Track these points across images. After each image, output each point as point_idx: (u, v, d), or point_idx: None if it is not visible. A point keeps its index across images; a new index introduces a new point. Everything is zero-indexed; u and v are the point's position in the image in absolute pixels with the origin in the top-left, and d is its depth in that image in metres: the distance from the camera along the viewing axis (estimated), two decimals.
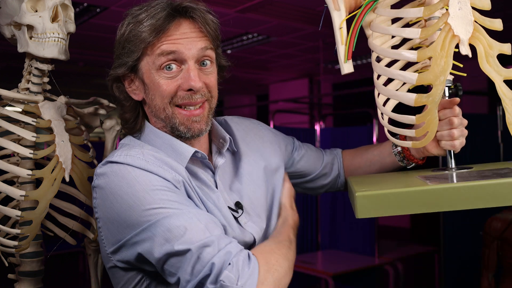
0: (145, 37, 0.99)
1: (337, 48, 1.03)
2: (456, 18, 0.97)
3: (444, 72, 0.95)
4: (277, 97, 9.47)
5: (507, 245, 2.71)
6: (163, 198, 0.91)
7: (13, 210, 1.27)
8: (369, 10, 1.04)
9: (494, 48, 1.00)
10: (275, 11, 4.86)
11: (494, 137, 3.94)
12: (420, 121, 0.98)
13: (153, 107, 1.05)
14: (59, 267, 5.63)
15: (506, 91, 0.99)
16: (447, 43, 0.97)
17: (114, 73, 1.06)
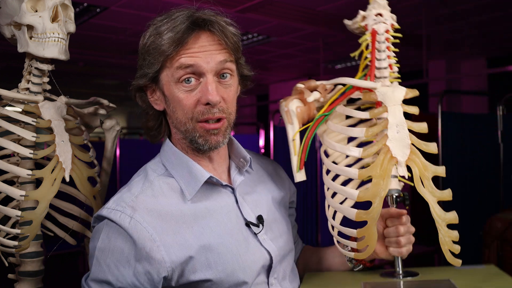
0: (164, 50, 1.00)
1: (291, 158, 1.11)
2: (394, 140, 1.07)
3: (383, 190, 1.04)
4: (277, 97, 9.47)
5: (507, 245, 2.71)
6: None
7: (13, 210, 1.27)
8: (320, 123, 1.13)
9: (429, 171, 1.08)
10: (275, 11, 4.86)
11: (494, 137, 3.94)
12: (361, 234, 1.06)
13: (174, 119, 1.06)
14: (59, 267, 5.62)
15: (439, 213, 1.06)
16: (385, 164, 1.06)
17: (136, 83, 1.07)
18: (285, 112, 1.12)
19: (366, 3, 1.30)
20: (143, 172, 1.10)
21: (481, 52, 6.77)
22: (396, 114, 1.09)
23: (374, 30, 1.15)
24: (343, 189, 1.10)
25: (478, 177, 3.77)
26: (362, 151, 1.08)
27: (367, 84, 1.12)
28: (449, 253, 1.05)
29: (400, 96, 1.10)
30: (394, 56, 1.17)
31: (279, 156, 4.67)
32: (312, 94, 1.12)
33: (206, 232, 1.02)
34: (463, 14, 4.95)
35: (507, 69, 4.71)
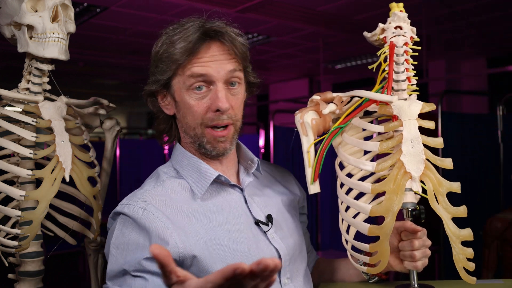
0: (177, 58, 1.04)
1: (305, 169, 1.11)
2: (409, 155, 1.07)
3: (396, 205, 1.03)
4: (277, 97, 9.48)
5: (507, 245, 2.71)
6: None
7: (13, 210, 1.27)
8: (335, 135, 1.12)
9: (444, 187, 1.07)
10: (275, 11, 4.86)
11: (494, 137, 3.94)
12: (373, 249, 1.06)
13: (184, 124, 1.11)
14: (59, 267, 5.62)
15: (453, 230, 1.06)
16: (399, 179, 1.05)
17: (148, 89, 1.12)
18: (300, 124, 1.12)
19: (366, 4, 1.30)
20: (155, 174, 1.15)
21: (481, 52, 6.77)
22: (411, 128, 1.08)
23: (392, 43, 1.14)
24: (356, 203, 1.09)
25: (478, 177, 3.77)
26: (375, 165, 1.07)
27: (383, 97, 1.11)
28: (463, 270, 1.04)
29: (416, 110, 1.09)
30: (413, 69, 1.15)
31: (279, 156, 4.67)
32: (328, 106, 1.12)
33: (216, 228, 1.04)
34: (463, 14, 4.95)
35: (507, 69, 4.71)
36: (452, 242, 1.05)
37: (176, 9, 4.64)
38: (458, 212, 1.06)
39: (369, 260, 1.07)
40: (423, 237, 1.13)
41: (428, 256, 1.13)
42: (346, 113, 1.14)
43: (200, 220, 1.04)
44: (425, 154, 1.07)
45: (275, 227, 1.13)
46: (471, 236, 1.06)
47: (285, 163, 4.55)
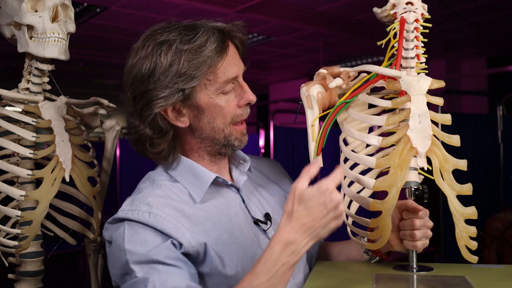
0: (209, 64, 1.01)
1: (309, 143, 1.09)
2: (416, 131, 1.04)
3: (400, 181, 1.01)
4: (277, 97, 9.47)
5: (507, 245, 2.71)
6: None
7: (13, 210, 1.27)
8: (341, 110, 1.10)
9: (450, 163, 1.05)
10: (275, 11, 4.86)
11: (494, 137, 3.94)
12: (374, 225, 1.04)
13: (209, 129, 1.06)
14: (59, 267, 5.62)
15: (458, 207, 1.04)
16: (404, 154, 1.03)
17: (164, 103, 1.01)
18: (306, 97, 1.08)
19: (366, 4, 1.29)
20: (148, 179, 1.11)
21: (481, 52, 6.77)
22: (420, 104, 1.06)
23: (403, 19, 1.11)
24: (359, 177, 1.06)
25: (478, 177, 3.77)
26: (381, 139, 1.05)
27: (392, 72, 1.08)
28: (466, 249, 1.03)
29: (425, 86, 1.07)
30: (422, 47, 1.14)
31: (279, 156, 4.67)
32: (335, 80, 1.08)
33: (219, 230, 1.03)
34: (463, 14, 4.95)
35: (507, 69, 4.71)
36: (455, 220, 1.03)
37: (176, 9, 4.64)
38: (463, 190, 1.04)
39: (370, 235, 1.06)
40: (425, 217, 1.12)
41: (429, 237, 1.12)
42: (353, 88, 1.11)
43: (203, 223, 1.02)
44: (432, 130, 1.05)
45: (274, 225, 1.13)
46: (475, 215, 1.04)
47: (285, 163, 4.55)
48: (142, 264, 0.95)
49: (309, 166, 0.92)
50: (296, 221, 0.88)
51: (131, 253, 0.95)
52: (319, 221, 0.88)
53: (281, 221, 0.91)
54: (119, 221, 1.00)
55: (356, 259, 1.27)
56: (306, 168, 0.92)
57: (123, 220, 0.99)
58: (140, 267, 0.94)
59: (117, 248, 0.98)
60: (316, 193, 0.88)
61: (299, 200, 0.89)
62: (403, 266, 1.15)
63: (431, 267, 1.13)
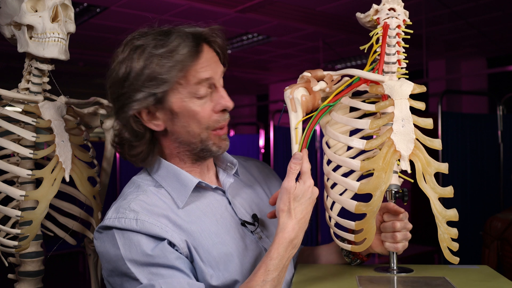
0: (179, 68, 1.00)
1: (292, 146, 1.09)
2: (399, 134, 1.07)
3: (384, 183, 1.04)
4: (277, 97, 9.47)
5: (507, 245, 2.71)
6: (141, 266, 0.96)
7: (13, 210, 1.27)
8: (324, 113, 1.11)
9: (432, 167, 1.08)
10: (275, 11, 4.86)
11: (494, 137, 3.94)
12: (359, 227, 1.06)
13: (184, 134, 1.06)
14: (59, 267, 5.62)
15: (440, 209, 1.06)
16: (388, 157, 1.06)
17: (135, 107, 1.02)
18: (290, 100, 1.09)
19: (366, 3, 1.30)
20: (133, 184, 1.11)
21: (481, 52, 6.77)
22: (403, 108, 1.09)
23: (386, 24, 1.14)
24: (344, 180, 1.08)
25: (478, 177, 3.77)
26: (366, 142, 1.07)
27: (375, 76, 1.11)
28: (447, 250, 1.06)
29: (407, 90, 1.10)
30: (404, 52, 1.16)
31: (279, 156, 4.67)
32: (319, 84, 1.10)
33: (204, 233, 1.03)
34: (463, 14, 4.95)
35: (507, 69, 4.71)
36: (438, 222, 1.05)
37: (176, 9, 4.64)
38: (445, 192, 1.07)
39: (354, 238, 1.08)
40: (405, 220, 1.15)
41: (408, 239, 1.14)
42: (336, 91, 1.13)
43: (187, 227, 1.02)
44: (415, 134, 1.08)
45: (262, 226, 1.13)
46: (456, 217, 1.06)
47: (285, 163, 4.54)
48: (143, 269, 0.95)
49: (292, 164, 1.02)
50: (295, 217, 0.99)
51: (130, 260, 0.96)
52: (308, 213, 1.01)
53: (281, 220, 0.99)
54: (107, 229, 1.00)
55: (335, 262, 1.28)
56: (290, 166, 1.02)
57: (111, 228, 0.99)
58: (142, 273, 0.95)
59: (114, 257, 0.98)
60: (305, 189, 1.00)
61: (294, 198, 0.99)
62: (383, 267, 1.17)
63: (411, 268, 1.15)
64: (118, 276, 0.99)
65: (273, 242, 0.99)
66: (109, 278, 1.02)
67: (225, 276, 1.01)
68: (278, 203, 1.01)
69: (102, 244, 1.01)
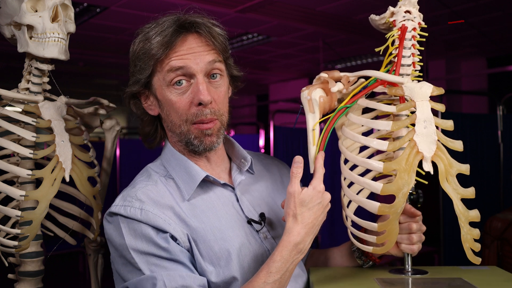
0: (153, 54, 1.03)
1: (309, 148, 1.10)
2: (421, 136, 1.07)
3: (407, 185, 1.03)
4: (277, 97, 9.48)
5: (507, 245, 2.71)
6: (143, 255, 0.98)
7: (13, 210, 1.27)
8: (341, 115, 1.11)
9: (454, 168, 1.08)
10: (275, 11, 4.86)
11: (494, 137, 3.94)
12: (382, 229, 1.05)
13: (169, 122, 1.09)
14: (59, 267, 5.62)
15: (462, 210, 1.07)
16: (411, 158, 1.05)
17: (129, 90, 1.09)
18: (308, 101, 1.09)
19: (365, 3, 1.30)
20: (145, 172, 1.13)
21: (481, 52, 6.77)
22: (424, 109, 1.08)
23: (404, 26, 1.14)
24: (365, 181, 1.07)
25: (478, 177, 3.77)
26: (388, 144, 1.06)
27: (395, 78, 1.10)
28: (470, 250, 1.06)
29: (427, 92, 1.09)
30: (418, 55, 1.16)
31: (279, 156, 4.67)
32: (337, 85, 1.09)
33: (207, 227, 1.03)
34: (463, 14, 4.95)
35: (507, 69, 4.71)
36: (461, 222, 1.06)
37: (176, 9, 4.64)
38: (467, 193, 1.07)
39: (376, 239, 1.07)
40: (420, 221, 1.15)
41: (422, 241, 1.15)
42: (353, 93, 1.12)
43: (190, 220, 1.03)
44: (436, 135, 1.08)
45: (269, 226, 1.12)
46: (478, 217, 1.07)
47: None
48: (146, 260, 0.97)
49: (294, 169, 1.02)
50: (302, 222, 0.98)
51: (134, 250, 0.98)
52: (318, 219, 1.00)
53: (287, 224, 0.99)
54: (113, 215, 1.03)
55: (346, 264, 1.28)
56: (292, 171, 1.02)
57: (116, 214, 1.02)
58: (145, 264, 0.97)
59: (119, 246, 1.00)
60: (314, 194, 1.00)
61: (300, 203, 0.98)
62: (398, 269, 1.16)
63: (426, 270, 1.15)
64: (123, 264, 1.00)
65: (278, 245, 0.99)
66: (114, 265, 1.04)
67: (225, 273, 1.01)
68: (285, 207, 1.02)
69: (109, 230, 1.03)
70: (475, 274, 1.13)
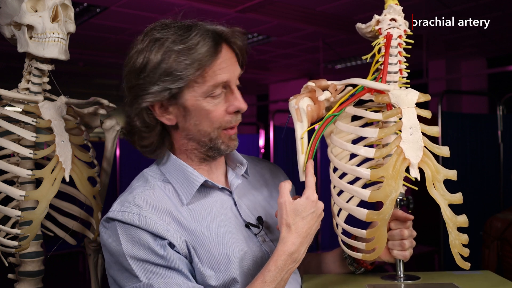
0: (197, 66, 0.99)
1: (298, 156, 1.10)
2: (408, 142, 1.08)
3: (394, 191, 1.04)
4: (277, 97, 9.48)
5: (507, 245, 2.71)
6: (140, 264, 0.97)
7: (13, 210, 1.27)
8: (329, 123, 1.12)
9: (441, 174, 1.09)
10: (275, 11, 4.86)
11: (494, 137, 3.94)
12: (371, 235, 1.06)
13: (195, 132, 1.06)
14: (59, 267, 5.62)
15: (450, 216, 1.07)
16: (398, 165, 1.06)
17: (149, 99, 1.02)
18: (295, 110, 1.11)
19: (365, 3, 1.30)
20: (142, 178, 1.11)
21: (481, 52, 6.77)
22: (410, 116, 1.10)
23: (389, 34, 1.16)
24: (353, 188, 1.08)
25: (478, 177, 3.77)
26: (375, 151, 1.07)
27: (381, 86, 1.11)
28: (459, 255, 1.06)
29: (413, 99, 1.11)
30: (405, 62, 1.17)
31: (279, 156, 4.67)
32: (324, 93, 1.11)
33: (206, 232, 1.03)
34: (463, 14, 4.95)
35: (507, 69, 4.71)
36: (449, 228, 1.06)
37: (176, 9, 4.64)
38: (454, 199, 1.08)
39: (365, 246, 1.08)
40: (411, 227, 1.15)
41: (413, 246, 1.15)
42: (341, 101, 1.13)
43: (189, 225, 1.02)
44: (423, 141, 1.09)
45: (266, 229, 1.12)
46: (466, 223, 1.08)
47: (285, 163, 4.55)
48: (143, 267, 0.96)
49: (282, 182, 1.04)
50: (296, 232, 1.00)
51: (131, 257, 0.96)
52: (312, 228, 1.02)
53: (281, 234, 1.00)
54: (110, 220, 1.01)
55: (338, 270, 1.28)
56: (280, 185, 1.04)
57: (114, 220, 1.00)
58: (142, 271, 0.96)
59: (116, 252, 0.99)
60: (307, 203, 1.01)
61: (294, 212, 1.00)
62: (390, 275, 1.17)
63: (418, 276, 1.16)
64: (119, 270, 0.99)
65: (273, 254, 0.99)
66: (110, 271, 1.02)
67: (224, 277, 1.01)
68: (278, 217, 1.03)
69: (106, 236, 1.02)
70: (468, 279, 1.14)
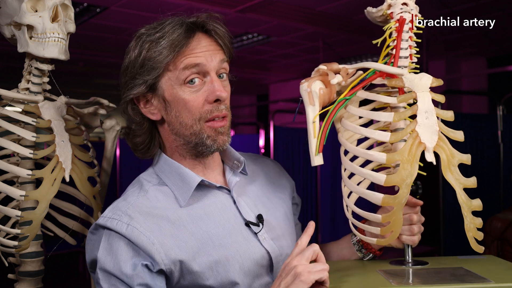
0: (167, 53, 1.01)
1: (309, 140, 1.09)
2: (423, 126, 1.07)
3: (410, 176, 1.03)
4: (277, 97, 9.48)
5: (507, 245, 2.71)
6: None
7: (13, 210, 1.27)
8: (341, 107, 1.11)
9: (456, 158, 1.08)
10: (275, 11, 4.86)
11: (494, 137, 3.94)
12: (386, 220, 1.04)
13: (177, 124, 1.06)
14: (59, 267, 5.63)
15: (465, 200, 1.07)
16: (414, 149, 1.05)
17: (131, 94, 1.06)
18: (308, 93, 1.09)
19: (365, 3, 1.30)
20: (137, 183, 1.11)
21: (481, 52, 6.77)
22: (425, 100, 1.08)
23: (402, 18, 1.14)
24: (368, 173, 1.07)
25: (478, 177, 3.76)
26: (390, 135, 1.06)
27: (395, 70, 1.10)
28: (474, 239, 1.06)
29: (427, 83, 1.10)
30: (415, 47, 1.16)
31: (279, 156, 4.67)
32: (336, 77, 1.09)
33: (205, 234, 1.02)
34: (463, 14, 4.95)
35: (507, 69, 4.71)
36: (464, 212, 1.06)
37: (176, 9, 4.63)
38: (469, 183, 1.07)
39: (380, 231, 1.06)
40: (419, 212, 1.16)
41: (421, 232, 1.15)
42: (352, 85, 1.12)
43: (188, 226, 1.02)
44: (438, 125, 1.08)
45: (267, 228, 1.11)
46: (480, 207, 1.07)
47: (285, 163, 4.55)
48: (109, 277, 0.96)
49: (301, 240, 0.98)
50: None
51: (100, 262, 0.97)
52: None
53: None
54: (100, 227, 1.02)
55: (346, 257, 1.27)
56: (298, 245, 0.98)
57: (103, 228, 1.00)
58: (107, 280, 0.97)
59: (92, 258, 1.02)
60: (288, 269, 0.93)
61: (280, 275, 0.95)
62: (398, 261, 1.17)
63: (426, 261, 1.16)
64: (92, 272, 1.02)
65: None
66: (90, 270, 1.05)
67: (224, 280, 1.00)
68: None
69: (89, 241, 1.04)
70: (474, 263, 1.14)
